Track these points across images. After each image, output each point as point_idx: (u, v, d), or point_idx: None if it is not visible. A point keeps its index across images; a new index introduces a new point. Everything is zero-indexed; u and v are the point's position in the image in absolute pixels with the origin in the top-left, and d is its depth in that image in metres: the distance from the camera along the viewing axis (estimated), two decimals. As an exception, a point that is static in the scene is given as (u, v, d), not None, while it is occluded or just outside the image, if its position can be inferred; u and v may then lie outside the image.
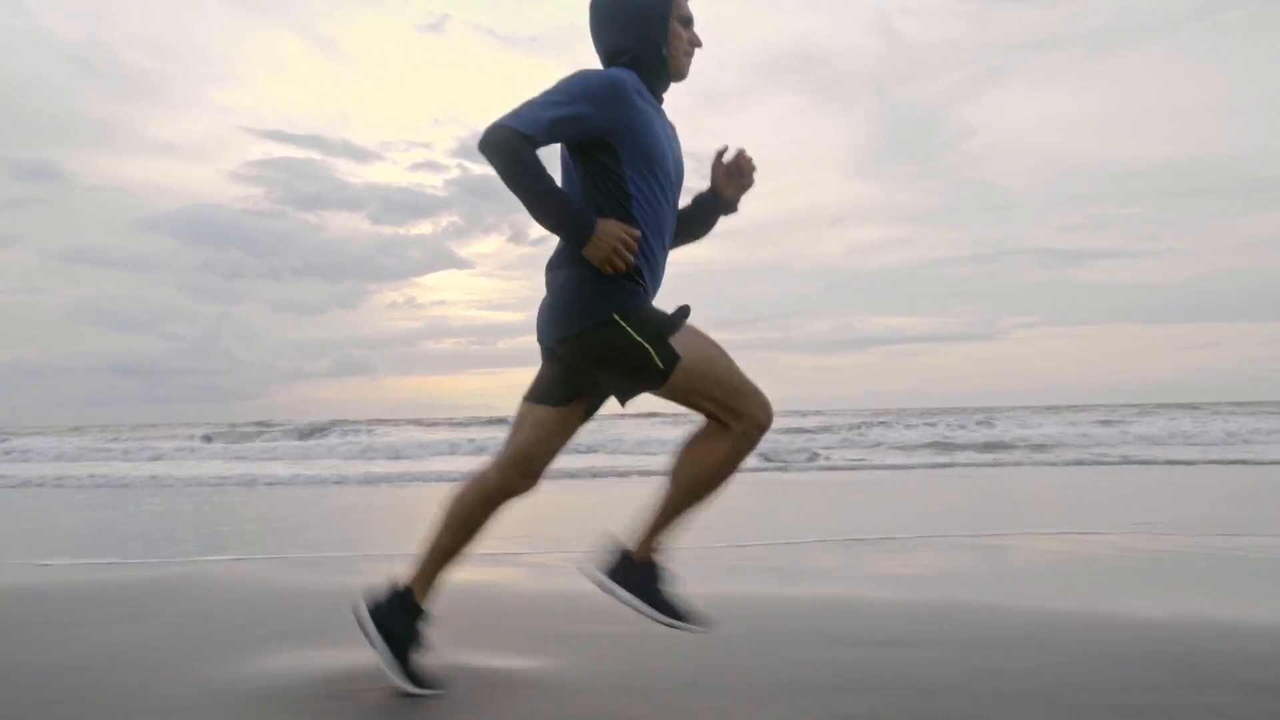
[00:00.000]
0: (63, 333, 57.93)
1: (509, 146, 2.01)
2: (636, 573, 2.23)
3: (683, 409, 2.17)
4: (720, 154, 2.37)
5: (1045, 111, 56.94)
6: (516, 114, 2.05)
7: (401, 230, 58.11)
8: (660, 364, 2.04)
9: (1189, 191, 55.60)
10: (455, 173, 54.86)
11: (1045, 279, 58.90)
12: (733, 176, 2.40)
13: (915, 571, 4.66)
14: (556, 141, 2.11)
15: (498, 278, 64.60)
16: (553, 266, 2.21)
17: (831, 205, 60.04)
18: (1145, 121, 55.98)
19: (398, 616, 2.24)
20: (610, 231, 2.03)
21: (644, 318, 2.08)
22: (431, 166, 57.68)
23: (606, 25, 2.23)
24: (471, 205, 57.30)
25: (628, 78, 2.15)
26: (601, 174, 2.12)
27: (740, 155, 2.39)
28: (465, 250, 62.14)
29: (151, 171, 55.99)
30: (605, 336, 2.06)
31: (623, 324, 2.05)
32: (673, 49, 2.22)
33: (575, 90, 2.06)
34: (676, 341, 2.07)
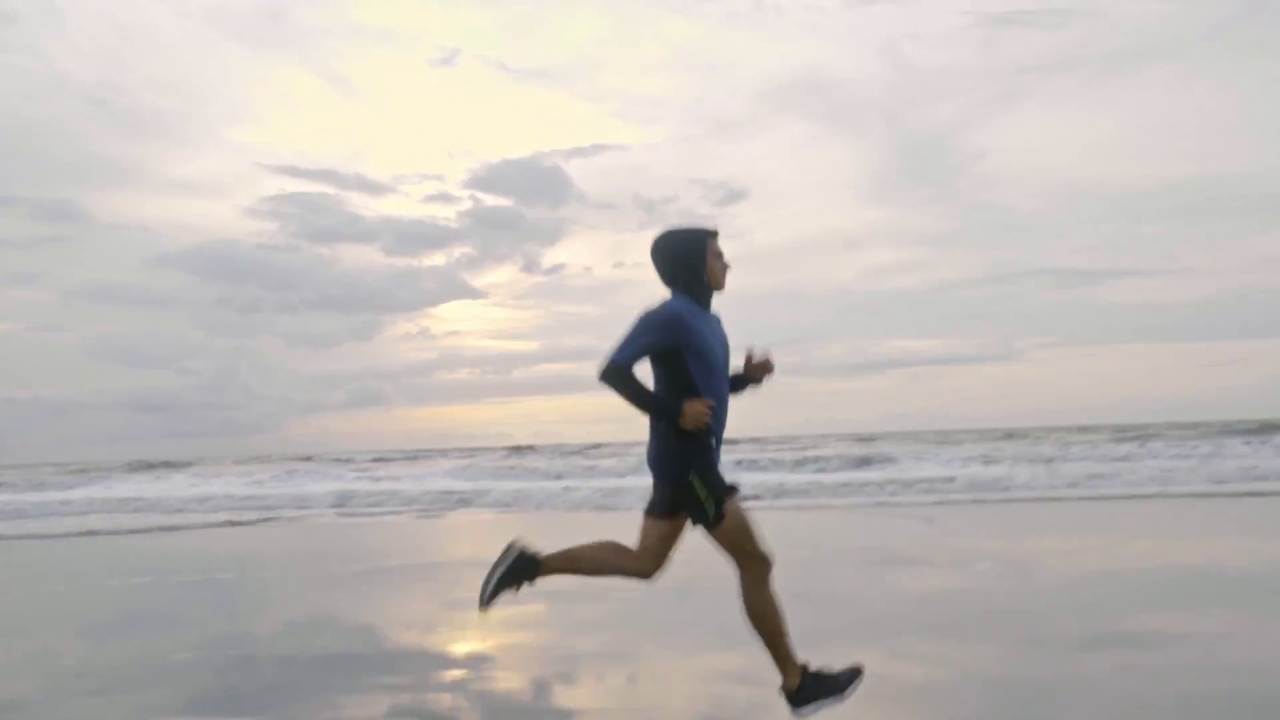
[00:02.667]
0: (83, 370, 58.49)
1: (619, 375, 2.95)
2: (807, 689, 2.99)
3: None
4: (750, 355, 3.26)
5: (1057, 134, 56.73)
6: (617, 351, 2.99)
7: (415, 261, 58.43)
8: (711, 517, 2.95)
9: (1203, 210, 55.13)
10: (468, 204, 55.24)
11: (1062, 299, 58.38)
12: (759, 368, 3.26)
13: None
14: (643, 358, 3.01)
15: (511, 307, 64.83)
16: (652, 426, 3.09)
17: (845, 230, 59.95)
18: (1157, 141, 55.70)
19: (525, 568, 3.15)
20: (694, 409, 2.96)
21: (711, 481, 2.97)
22: (444, 198, 58.19)
23: (663, 265, 3.13)
24: (484, 236, 57.68)
25: (679, 305, 3.03)
26: (675, 371, 3.02)
27: (766, 356, 3.28)
28: (478, 281, 62.48)
29: (168, 209, 56.78)
30: (684, 489, 2.98)
31: (696, 484, 2.96)
32: (711, 275, 3.11)
33: (648, 326, 2.98)
34: (728, 507, 2.95)
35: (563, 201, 55.28)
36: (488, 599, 3.11)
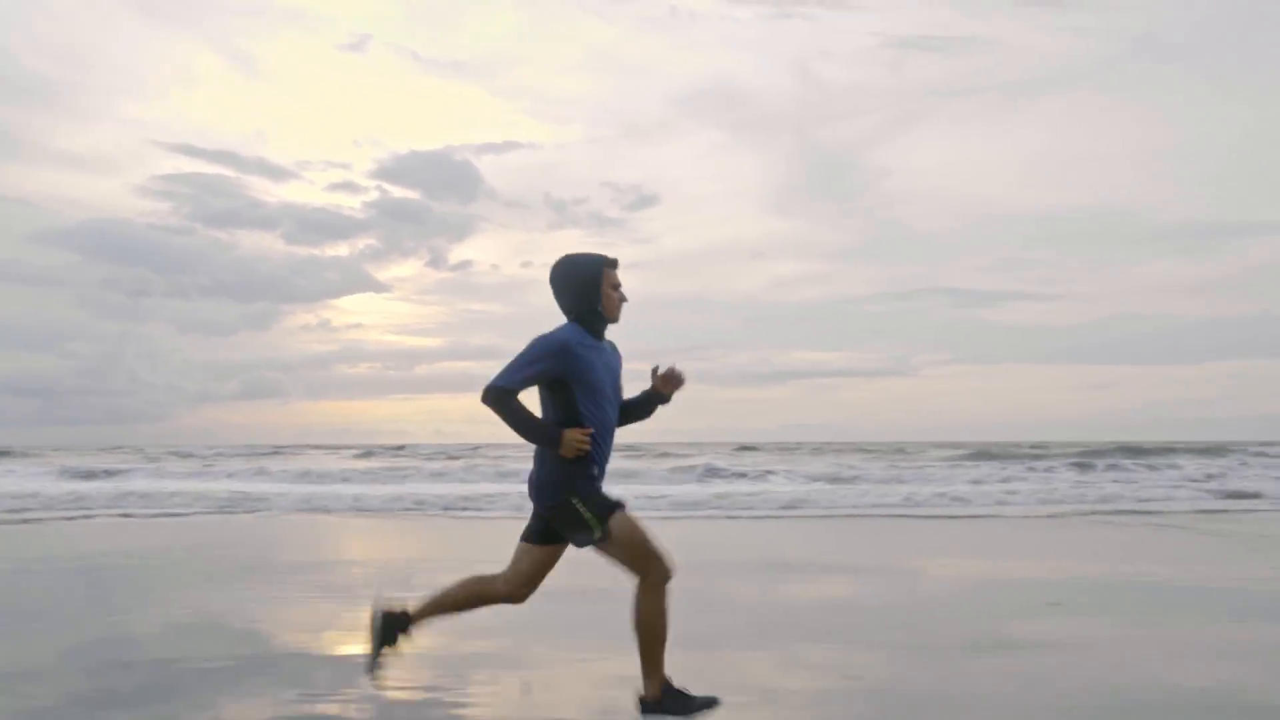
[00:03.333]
0: (-47, 349, 54.96)
1: (501, 400, 2.99)
2: (667, 703, 3.03)
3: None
4: (655, 370, 3.26)
5: (956, 156, 59.08)
6: (502, 374, 3.01)
7: (317, 251, 57.00)
8: (597, 536, 2.97)
9: (1090, 238, 58.18)
10: (374, 195, 54.33)
11: (957, 318, 60.79)
12: (666, 383, 3.27)
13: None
14: (529, 387, 3.05)
15: (415, 302, 63.86)
16: (537, 454, 3.11)
17: (751, 240, 61.12)
18: (1049, 170, 58.49)
19: (395, 625, 3.18)
20: (571, 437, 3.00)
21: (593, 500, 3.00)
22: (350, 188, 57.00)
23: (559, 293, 3.16)
24: (390, 228, 56.68)
25: (572, 334, 3.07)
26: (562, 399, 3.06)
27: (671, 369, 3.27)
28: (383, 274, 61.47)
29: (53, 183, 54.00)
30: (566, 510, 3.01)
31: (579, 504, 2.99)
32: (605, 307, 3.12)
33: (537, 354, 3.01)
34: (613, 522, 2.98)
35: (472, 197, 54.76)
36: (372, 666, 3.12)
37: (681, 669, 3.02)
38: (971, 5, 54.28)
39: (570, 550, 3.05)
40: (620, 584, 3.08)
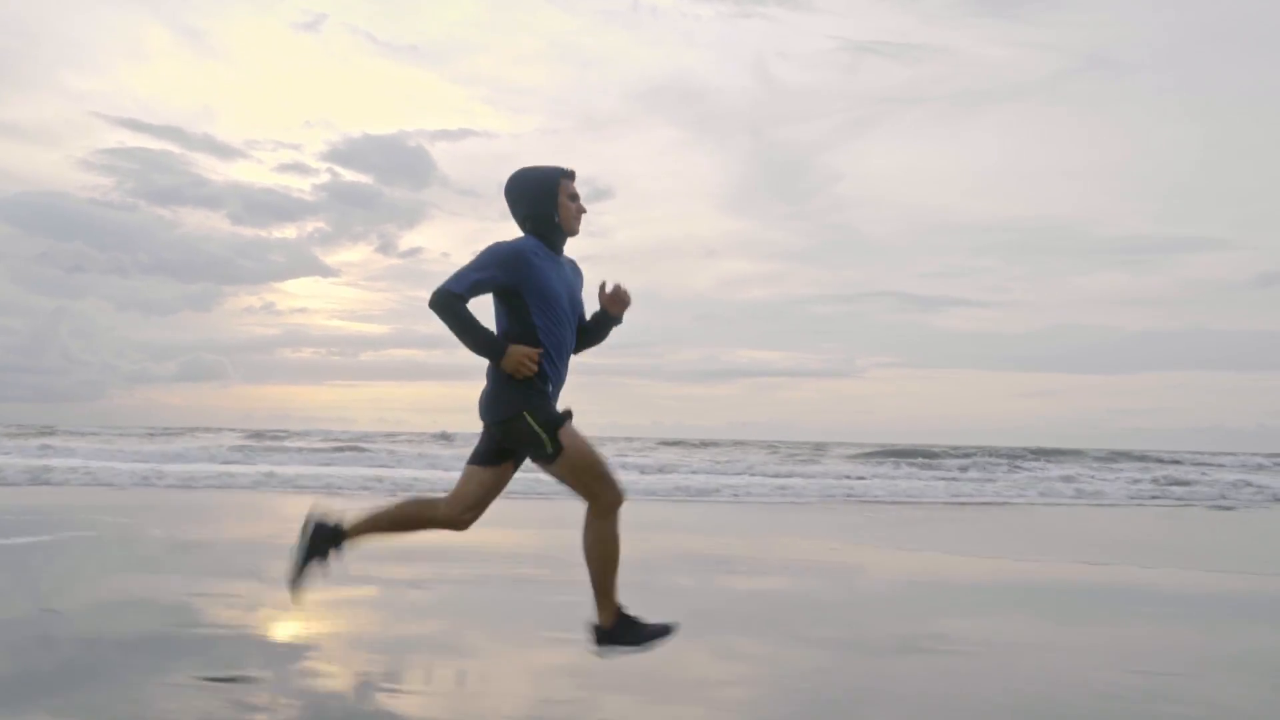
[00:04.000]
0: (-124, 319, 52.86)
1: (448, 303, 2.88)
2: (616, 632, 2.97)
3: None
4: (603, 286, 3.12)
5: (906, 163, 59.80)
6: (451, 279, 2.89)
7: (263, 232, 55.70)
8: (549, 451, 2.85)
9: (1035, 248, 59.32)
10: (325, 177, 53.26)
11: (902, 322, 61.61)
12: (614, 301, 3.13)
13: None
14: (479, 295, 2.93)
15: (363, 288, 62.88)
16: (488, 369, 2.96)
17: (704, 238, 61.28)
18: (997, 180, 59.54)
19: (327, 538, 3.05)
20: (517, 351, 2.86)
21: (544, 415, 2.86)
22: (300, 169, 55.80)
23: (514, 205, 3.04)
24: (340, 212, 55.66)
25: (528, 243, 2.95)
26: (515, 313, 2.93)
27: (617, 287, 3.14)
28: (331, 258, 60.37)
29: (-11, 153, 52.02)
30: (517, 425, 2.87)
31: (529, 418, 2.85)
32: (563, 217, 3.01)
33: (488, 260, 2.90)
34: (563, 435, 2.86)
35: (425, 184, 54.13)
36: (295, 579, 3.01)
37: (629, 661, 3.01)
38: (929, 13, 54.84)
39: (509, 539, 3.03)
40: (561, 567, 3.07)
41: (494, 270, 2.89)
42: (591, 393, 2.95)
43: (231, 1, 53.65)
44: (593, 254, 3.20)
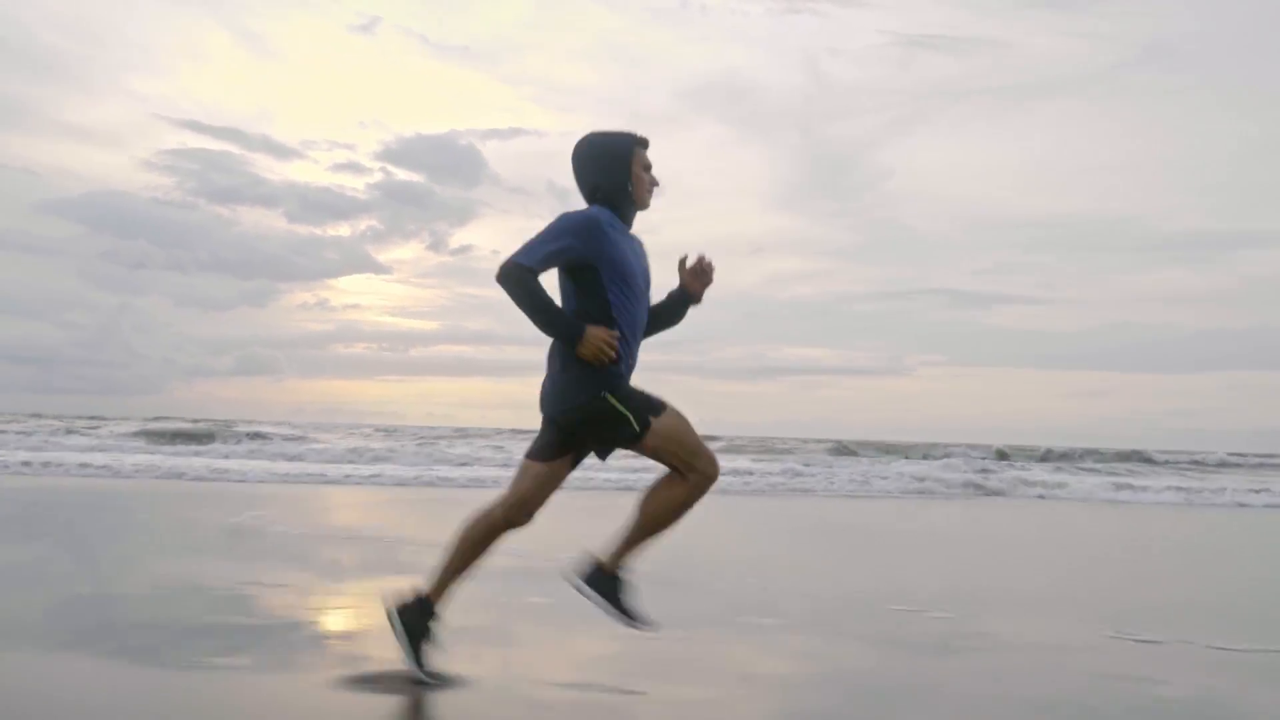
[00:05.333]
0: (-49, 316, 54.78)
1: (518, 277, 2.63)
2: (605, 581, 2.85)
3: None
4: (683, 261, 2.94)
5: (957, 158, 58.79)
6: (520, 251, 2.66)
7: (318, 231, 56.63)
8: (637, 429, 2.67)
9: (1089, 244, 58.00)
10: (378, 176, 53.91)
11: (952, 319, 60.65)
12: (696, 276, 2.96)
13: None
14: (551, 268, 2.71)
15: (414, 285, 63.57)
16: (553, 354, 2.77)
17: (751, 235, 60.84)
18: (1051, 175, 58.27)
19: (418, 616, 2.90)
20: (596, 335, 2.63)
21: (625, 394, 2.70)
22: (354, 168, 56.49)
23: (584, 172, 2.83)
24: (392, 210, 56.32)
25: (602, 214, 2.75)
26: (588, 289, 2.72)
27: (701, 260, 2.95)
28: (383, 255, 61.00)
29: (60, 155, 53.55)
30: (596, 408, 2.68)
31: (611, 399, 2.67)
32: (636, 188, 2.81)
33: (561, 229, 2.68)
34: (655, 414, 2.70)
35: (476, 182, 54.46)
36: (419, 669, 2.86)
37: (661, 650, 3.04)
38: (982, 6, 53.91)
39: (555, 530, 3.02)
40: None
41: (569, 240, 2.67)
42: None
43: (289, 5, 54.71)
44: (645, 251, 2.98)
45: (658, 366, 2.87)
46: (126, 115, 54.56)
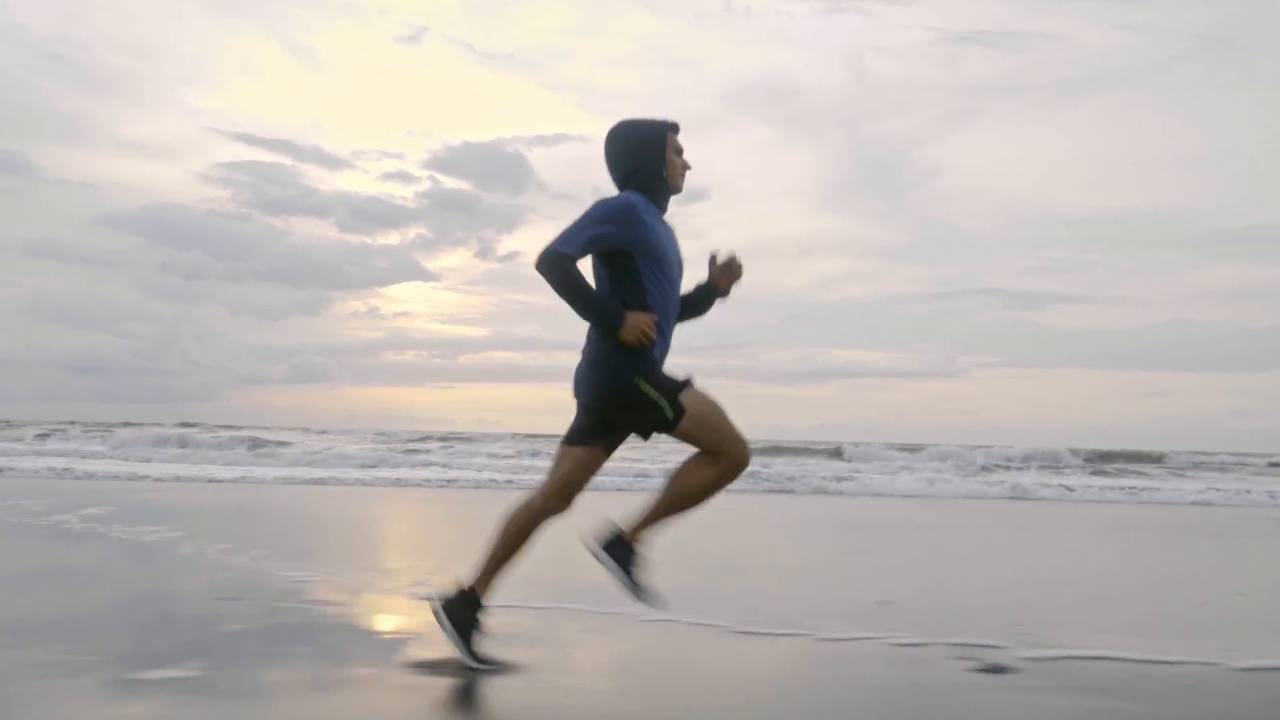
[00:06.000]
0: (18, 326, 56.73)
1: (558, 264, 2.64)
2: (622, 550, 2.86)
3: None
4: (713, 257, 2.98)
5: (1008, 155, 57.96)
6: (559, 239, 2.68)
7: (368, 239, 57.76)
8: (670, 415, 2.69)
9: (1145, 241, 56.82)
10: (426, 185, 54.79)
11: (1004, 320, 59.71)
12: (725, 273, 3.01)
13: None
14: (589, 254, 2.74)
15: (463, 292, 64.38)
16: (588, 341, 2.80)
17: (797, 237, 60.59)
18: (1104, 170, 57.14)
19: (463, 609, 2.94)
20: (637, 320, 2.67)
21: (658, 380, 2.72)
22: (403, 177, 57.41)
23: (617, 159, 2.84)
24: (441, 218, 57.12)
25: (638, 200, 2.76)
26: (624, 275, 2.75)
27: (732, 259, 3.00)
28: (432, 263, 61.99)
29: (118, 169, 55.27)
30: (631, 393, 2.70)
31: (643, 385, 2.69)
32: (670, 173, 2.85)
33: (599, 215, 2.71)
34: (685, 398, 2.71)
35: (523, 189, 55.06)
36: (471, 661, 2.90)
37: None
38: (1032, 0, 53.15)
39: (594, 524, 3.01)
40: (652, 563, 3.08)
41: (607, 226, 2.69)
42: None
43: (337, 17, 55.76)
44: (686, 255, 3.02)
45: (705, 371, 2.88)
46: (182, 129, 56.09)
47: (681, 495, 2.80)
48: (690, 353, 3.11)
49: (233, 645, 3.48)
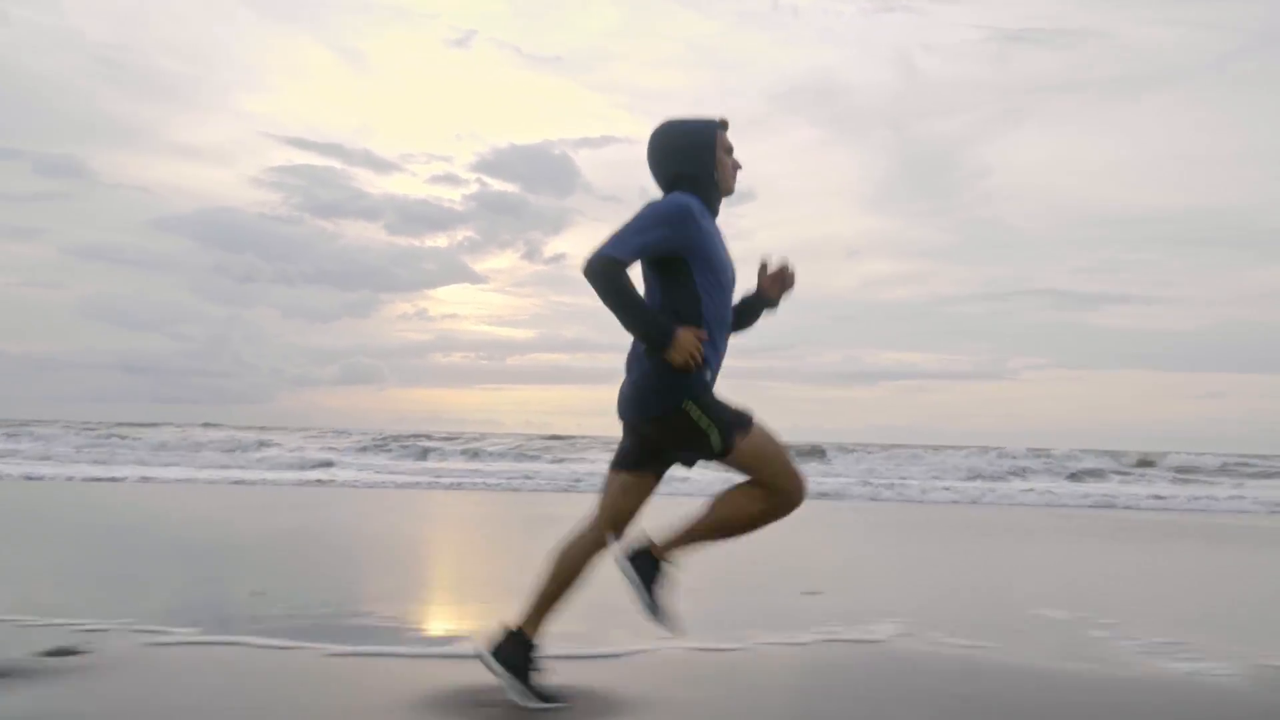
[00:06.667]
0: (74, 328, 58.60)
1: (607, 271, 2.43)
2: (648, 565, 2.66)
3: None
4: (763, 266, 2.82)
5: (1059, 154, 56.85)
6: (609, 243, 2.47)
7: (417, 242, 58.56)
8: (718, 447, 2.49)
9: (1200, 240, 55.37)
10: (474, 187, 55.38)
11: (1056, 320, 58.54)
12: (775, 282, 2.83)
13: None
14: (640, 259, 2.54)
15: (510, 294, 64.93)
16: (634, 357, 2.60)
17: (845, 238, 60.09)
18: (1158, 169, 55.79)
19: (515, 651, 2.74)
20: (686, 340, 2.44)
21: (708, 405, 2.50)
22: (451, 180, 58.09)
23: (663, 160, 2.66)
24: (488, 220, 57.71)
25: (693, 202, 2.57)
26: (677, 282, 2.55)
27: (784, 268, 2.83)
28: (479, 265, 62.62)
29: (172, 173, 56.79)
30: (677, 419, 2.49)
31: (691, 411, 2.48)
32: (721, 174, 2.67)
33: (654, 218, 2.51)
34: (739, 431, 2.50)
35: (569, 191, 55.38)
36: (534, 700, 2.71)
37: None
38: (1084, -3, 52.07)
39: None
40: (702, 580, 3.04)
41: (662, 230, 2.50)
42: (727, 394, 2.68)
43: (387, 22, 56.72)
44: (734, 257, 2.86)
45: (750, 373, 2.75)
46: (234, 133, 57.45)
47: (723, 523, 2.62)
48: (737, 354, 2.83)
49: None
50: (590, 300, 2.65)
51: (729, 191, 2.72)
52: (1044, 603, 5.03)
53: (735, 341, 2.80)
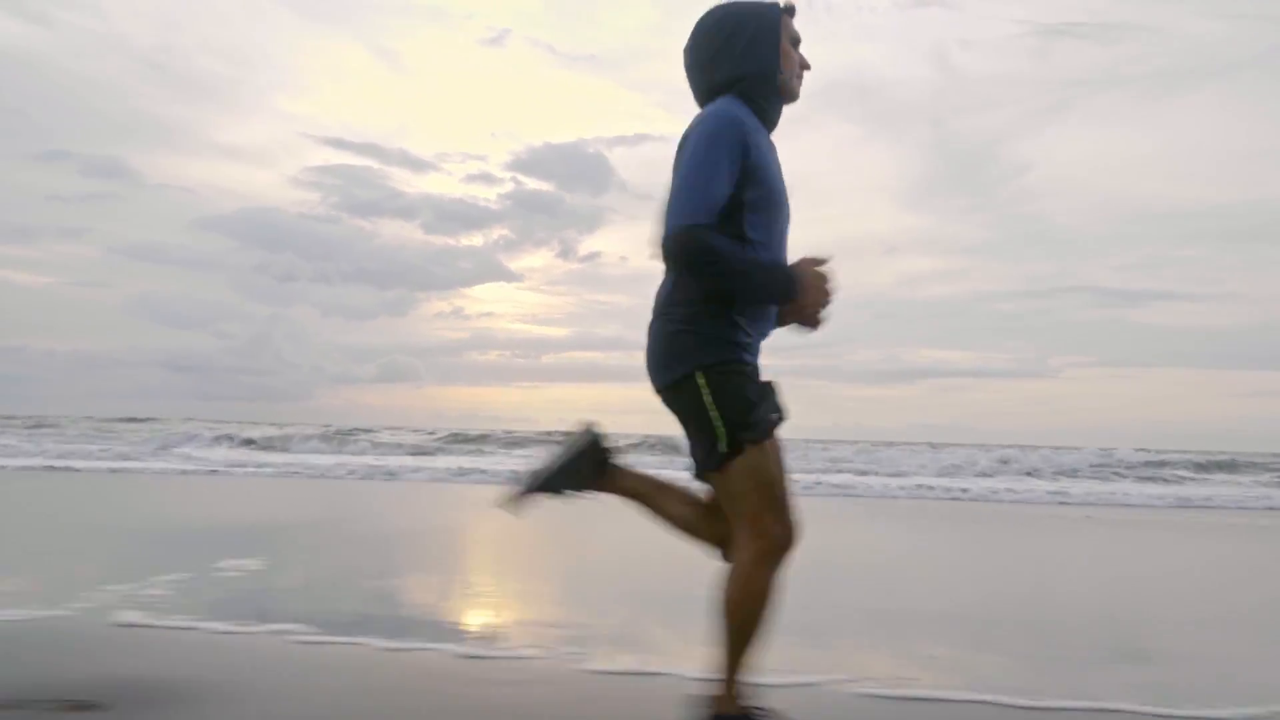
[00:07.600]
0: (119, 326, 59.65)
1: (688, 246, 1.85)
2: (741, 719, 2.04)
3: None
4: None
5: (1103, 149, 55.84)
6: (684, 207, 1.88)
7: (453, 241, 58.98)
8: (723, 444, 1.91)
9: (1248, 235, 54.04)
10: (509, 186, 55.63)
11: (1099, 318, 57.53)
12: (793, 314, 2.22)
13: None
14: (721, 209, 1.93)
15: (545, 292, 65.13)
16: (655, 314, 2.06)
17: (883, 235, 59.54)
18: (1203, 163, 54.62)
19: (596, 458, 2.19)
20: (812, 280, 1.89)
21: (722, 387, 1.92)
22: (486, 179, 58.37)
23: (719, 55, 2.04)
24: (523, 219, 57.99)
25: (744, 114, 1.99)
26: (724, 222, 1.92)
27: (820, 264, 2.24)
28: (515, 264, 62.82)
29: (214, 173, 57.70)
30: (685, 393, 1.93)
31: (701, 385, 1.90)
32: (786, 73, 2.08)
33: (717, 151, 1.90)
34: (750, 441, 1.92)
35: (604, 189, 55.44)
36: (527, 488, 2.17)
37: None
38: (1125, -11, 51.23)
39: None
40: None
41: (731, 161, 1.89)
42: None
43: (422, 22, 57.26)
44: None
45: (788, 371, 2.32)
46: (274, 134, 58.24)
47: (746, 621, 1.99)
48: (772, 353, 2.54)
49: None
50: (624, 299, 2.28)
51: (794, 97, 2.13)
52: None
53: (771, 343, 2.24)
